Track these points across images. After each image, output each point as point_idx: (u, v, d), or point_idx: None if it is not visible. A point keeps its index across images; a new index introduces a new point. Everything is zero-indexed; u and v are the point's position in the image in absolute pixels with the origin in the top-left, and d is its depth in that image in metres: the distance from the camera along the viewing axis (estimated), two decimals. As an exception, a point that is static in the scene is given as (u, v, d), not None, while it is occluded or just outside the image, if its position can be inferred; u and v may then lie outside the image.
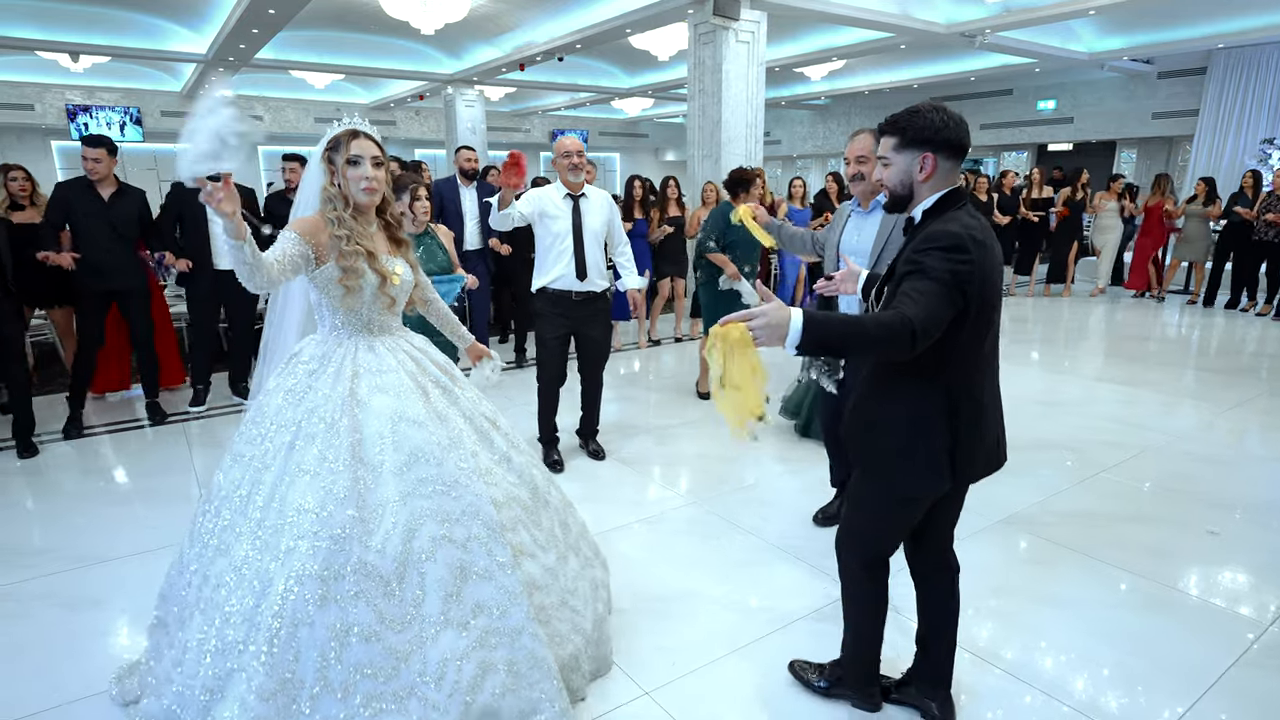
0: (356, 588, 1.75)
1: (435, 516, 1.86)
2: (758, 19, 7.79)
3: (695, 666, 2.32)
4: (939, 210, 1.75)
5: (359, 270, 2.01)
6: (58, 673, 2.31)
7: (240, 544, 1.82)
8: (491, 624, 1.85)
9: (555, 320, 3.85)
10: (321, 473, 1.82)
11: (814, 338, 1.51)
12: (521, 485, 2.15)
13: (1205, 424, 4.60)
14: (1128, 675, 2.27)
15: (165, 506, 3.56)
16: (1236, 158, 11.82)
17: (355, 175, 2.03)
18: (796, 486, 3.75)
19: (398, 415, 1.93)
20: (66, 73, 12.98)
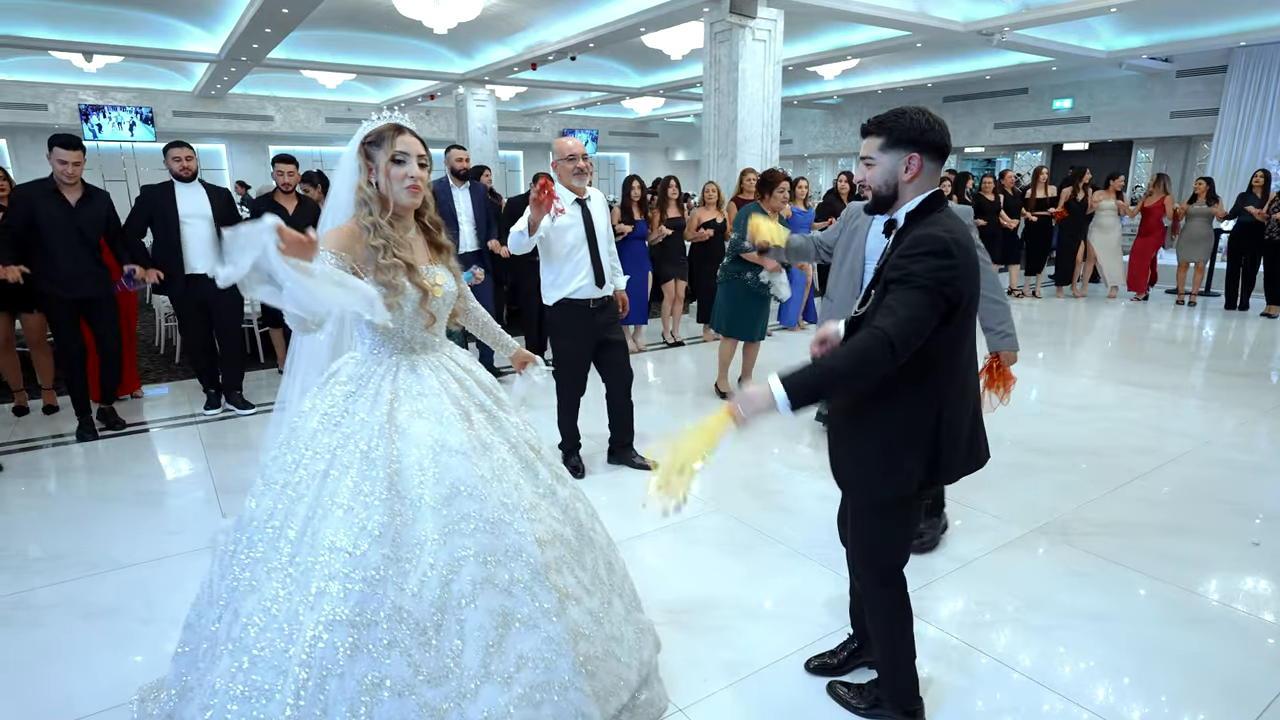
0: (390, 636, 1.60)
1: (476, 557, 1.69)
2: (775, 17, 7.72)
3: (729, 682, 2.25)
4: (923, 212, 1.76)
5: (398, 286, 1.82)
6: (72, 684, 2.26)
7: (271, 581, 1.67)
8: (536, 678, 1.68)
9: (577, 336, 3.71)
10: (355, 507, 1.67)
11: (801, 393, 1.61)
12: (566, 522, 1.97)
13: (1233, 428, 4.49)
14: (1173, 695, 2.19)
15: (182, 510, 3.52)
16: (1257, 158, 11.66)
17: (400, 174, 1.84)
18: (822, 492, 3.67)
19: (439, 444, 1.77)
20: (79, 72, 13.03)
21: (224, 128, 16.18)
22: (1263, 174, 8.27)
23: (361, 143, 1.86)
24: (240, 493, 3.69)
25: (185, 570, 2.92)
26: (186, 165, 4.67)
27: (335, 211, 1.91)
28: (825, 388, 1.65)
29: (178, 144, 4.70)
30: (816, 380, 1.63)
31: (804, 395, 1.61)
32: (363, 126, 1.89)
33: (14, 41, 10.13)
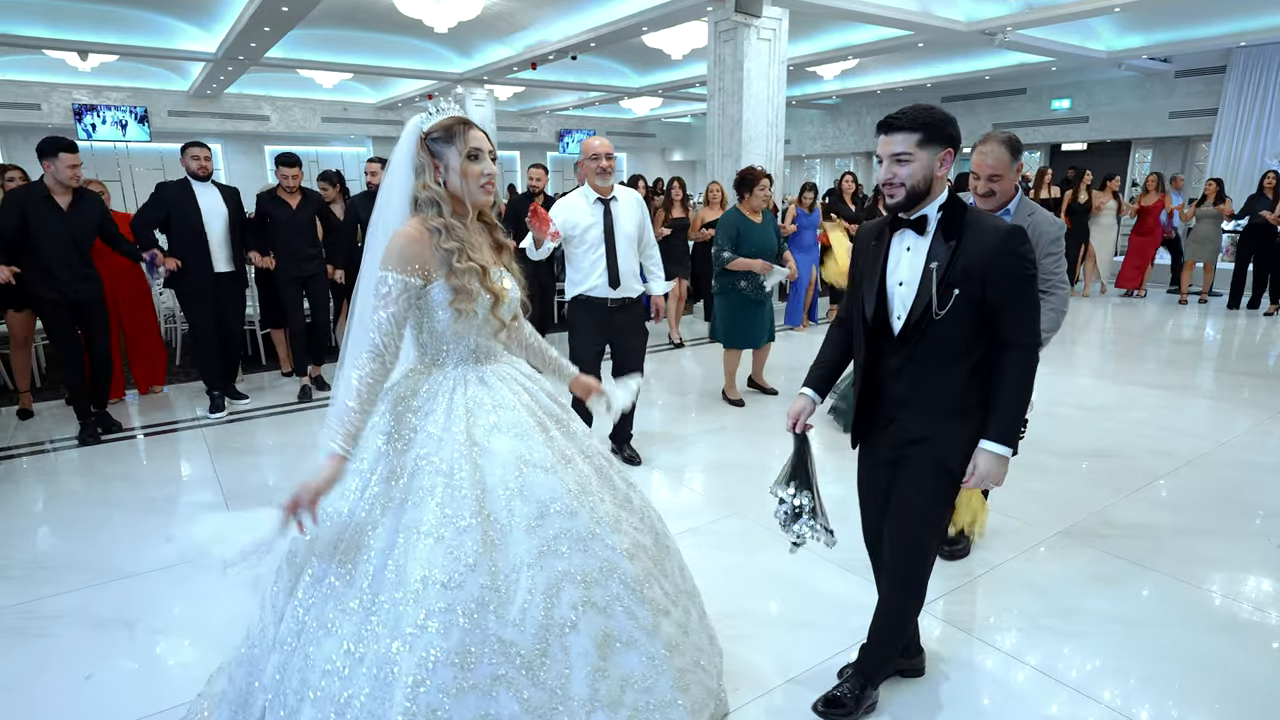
0: (496, 671, 1.48)
1: (574, 578, 1.59)
2: (780, 16, 7.68)
3: (764, 690, 2.20)
4: (955, 207, 1.80)
5: (473, 291, 1.68)
6: (82, 696, 2.20)
7: (350, 621, 1.52)
8: (640, 699, 1.60)
9: (590, 333, 3.71)
10: (446, 534, 1.53)
11: (1014, 437, 1.80)
12: (645, 531, 1.86)
13: (1249, 429, 4.47)
14: (1197, 701, 2.15)
15: (190, 517, 3.45)
16: (1256, 158, 11.67)
17: (476, 171, 1.71)
18: (841, 495, 3.62)
19: (523, 460, 1.64)
20: (74, 72, 12.89)
21: (219, 127, 16.04)
22: (1274, 175, 8.28)
23: (423, 138, 1.71)
24: (249, 498, 3.62)
25: (194, 579, 2.85)
26: (205, 165, 4.75)
27: (388, 214, 1.75)
28: (1021, 418, 1.81)
29: (197, 144, 4.77)
30: (1015, 418, 1.79)
31: (1015, 437, 1.81)
32: (416, 120, 1.74)
33: (7, 40, 10.01)
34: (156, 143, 15.30)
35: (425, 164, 1.70)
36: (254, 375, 5.93)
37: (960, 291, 1.74)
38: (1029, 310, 1.75)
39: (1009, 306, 1.73)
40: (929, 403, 1.85)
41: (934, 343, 1.80)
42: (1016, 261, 1.72)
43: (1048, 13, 8.93)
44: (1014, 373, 1.76)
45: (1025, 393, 1.77)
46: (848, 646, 2.41)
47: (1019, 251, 1.72)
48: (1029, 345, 1.75)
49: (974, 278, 1.72)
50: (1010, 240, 1.72)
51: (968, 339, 1.78)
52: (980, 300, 1.73)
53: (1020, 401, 1.77)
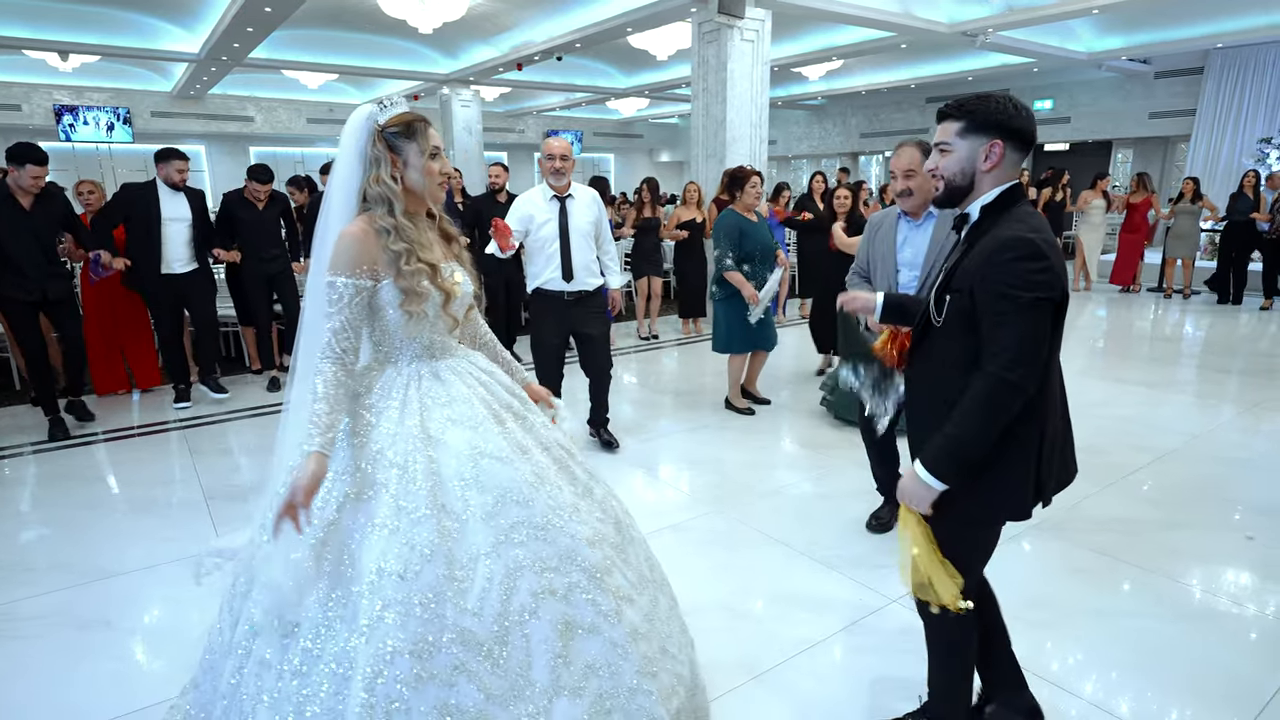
0: (456, 660, 1.48)
1: (533, 566, 1.59)
2: (763, 17, 7.72)
3: (738, 683, 2.23)
4: (1000, 207, 1.61)
5: (423, 293, 1.68)
6: (60, 698, 2.20)
7: (307, 619, 1.52)
8: (604, 686, 1.60)
9: (549, 324, 3.90)
10: (400, 526, 1.54)
11: (946, 469, 1.57)
12: (607, 520, 1.86)
13: (1226, 424, 4.55)
14: (1175, 691, 2.19)
15: (172, 517, 3.44)
16: (1234, 157, 11.85)
17: (435, 169, 1.71)
18: (822, 492, 3.67)
19: (477, 451, 1.65)
20: (54, 72, 12.79)
21: (203, 128, 15.95)
22: (1254, 174, 8.53)
23: (380, 131, 1.68)
24: (229, 498, 3.61)
25: (175, 579, 2.85)
26: (185, 177, 4.92)
27: (335, 211, 1.71)
28: (965, 453, 1.55)
29: (179, 155, 4.89)
30: (952, 450, 1.56)
31: (949, 468, 1.57)
32: (366, 113, 1.69)
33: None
34: (140, 144, 15.20)
35: (382, 157, 1.68)
36: (238, 375, 5.90)
37: (951, 299, 1.62)
38: (1004, 334, 1.51)
39: (986, 324, 1.54)
40: (921, 417, 1.76)
41: (930, 351, 1.71)
42: (998, 274, 1.51)
43: (1028, 14, 9.03)
44: (966, 398, 1.54)
45: (972, 427, 1.52)
46: (820, 640, 2.45)
47: (1005, 264, 1.51)
48: (993, 375, 1.50)
49: (965, 286, 1.58)
50: (1000, 251, 1.52)
51: (962, 354, 1.61)
52: (971, 313, 1.57)
53: (961, 433, 1.53)
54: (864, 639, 2.46)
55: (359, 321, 1.64)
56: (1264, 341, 6.93)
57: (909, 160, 2.77)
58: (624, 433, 4.48)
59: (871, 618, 2.57)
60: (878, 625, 2.54)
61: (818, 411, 4.90)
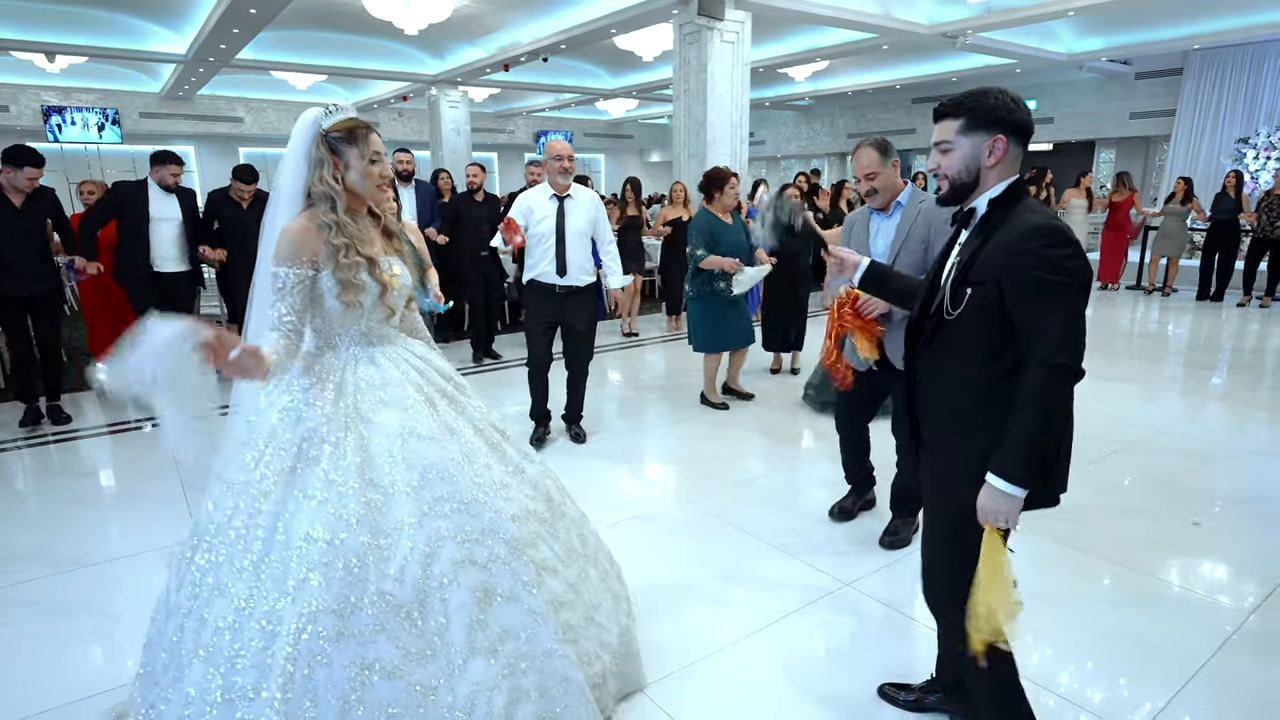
0: (376, 621, 1.61)
1: (454, 537, 1.72)
2: (742, 19, 7.83)
3: (691, 660, 2.32)
4: (1009, 200, 1.61)
5: (359, 284, 1.82)
6: (36, 682, 2.27)
7: (241, 581, 1.65)
8: (520, 648, 1.73)
9: (541, 310, 4.10)
10: (329, 498, 1.67)
11: (1021, 473, 1.49)
12: (537, 497, 2.02)
13: (1188, 417, 4.67)
14: (1113, 667, 2.30)
15: (151, 510, 3.51)
16: (1213, 157, 12.02)
17: (376, 173, 1.85)
18: (789, 483, 3.77)
19: (406, 431, 1.79)
20: (42, 73, 12.79)
21: (192, 129, 15.98)
22: (1235, 175, 8.74)
23: (324, 135, 1.81)
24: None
25: (154, 568, 2.92)
26: (178, 180, 5.02)
27: (282, 206, 1.85)
28: (1040, 451, 1.50)
29: (175, 159, 5.00)
30: (1026, 452, 1.49)
31: (1028, 472, 1.49)
32: (313, 116, 1.82)
33: (-27, 41, 9.94)
34: (129, 145, 15.22)
35: (325, 159, 1.81)
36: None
37: (973, 292, 1.58)
38: (1050, 322, 1.48)
39: (1023, 314, 1.51)
40: (935, 415, 1.73)
41: (943, 345, 1.68)
42: (1033, 261, 1.49)
43: (1006, 16, 9.16)
44: (1024, 395, 1.50)
45: (1036, 421, 1.48)
46: (774, 621, 2.55)
47: (1038, 251, 1.49)
48: (1048, 365, 1.47)
49: (990, 279, 1.55)
50: (1030, 237, 1.50)
51: (980, 349, 1.60)
52: (997, 306, 1.55)
53: (1029, 431, 1.49)
54: (816, 620, 2.56)
55: (301, 307, 1.78)
56: (1244, 338, 7.07)
57: (868, 162, 2.89)
58: (603, 427, 4.58)
59: (824, 599, 2.67)
60: (830, 607, 2.64)
61: (793, 406, 5.01)
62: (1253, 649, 2.38)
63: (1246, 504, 3.45)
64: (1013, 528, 1.54)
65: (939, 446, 1.73)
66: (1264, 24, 10.29)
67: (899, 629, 2.52)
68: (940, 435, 1.71)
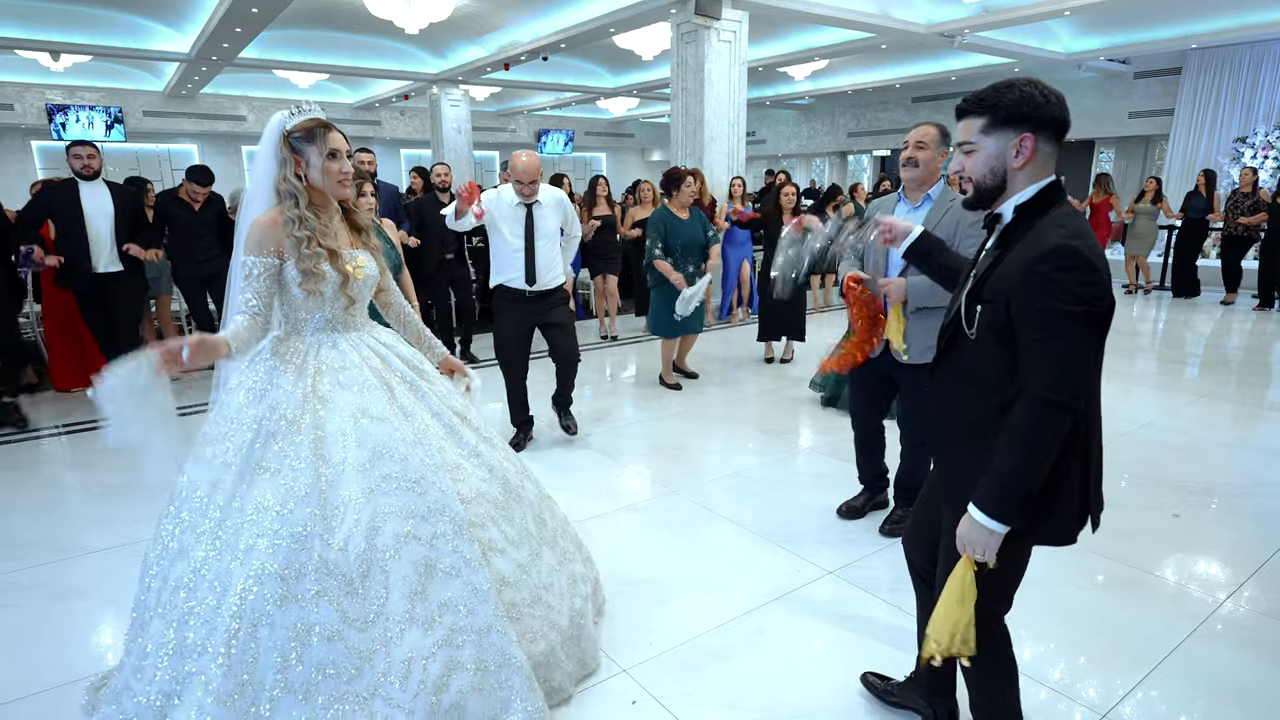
0: (318, 586, 1.73)
1: (400, 514, 1.84)
2: (739, 18, 7.88)
3: (672, 645, 2.39)
4: (1038, 206, 1.48)
5: (320, 274, 1.94)
6: (40, 660, 2.35)
7: (200, 545, 1.78)
8: (459, 621, 1.82)
9: (513, 317, 3.99)
10: (282, 470, 1.81)
11: (1004, 508, 1.43)
12: (492, 480, 2.11)
13: (1172, 412, 4.72)
14: (1085, 651, 2.36)
15: (151, 499, 3.58)
16: (1211, 156, 12.03)
17: (334, 169, 1.97)
18: (777, 476, 3.83)
19: (360, 411, 1.91)
20: (46, 72, 12.90)
21: (195, 128, 16.06)
22: (1204, 174, 8.86)
23: (286, 135, 1.94)
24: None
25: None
26: (88, 164, 4.75)
27: (254, 202, 1.99)
28: (1021, 487, 1.42)
29: (80, 142, 4.81)
30: (1007, 486, 1.42)
31: (1008, 507, 1.43)
32: (279, 119, 1.96)
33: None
34: (133, 143, 15.32)
35: (287, 159, 1.95)
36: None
37: (983, 310, 1.49)
38: (1045, 351, 1.37)
39: (1025, 340, 1.41)
40: (948, 433, 1.64)
41: (958, 364, 1.59)
42: (1041, 287, 1.37)
43: (1004, 15, 9.19)
44: (1011, 428, 1.42)
45: (1020, 457, 1.40)
46: (756, 607, 2.61)
47: (1048, 275, 1.36)
48: (1041, 399, 1.38)
49: (1000, 297, 1.45)
50: (1045, 260, 1.37)
51: (992, 370, 1.50)
52: (1006, 326, 1.45)
53: (1017, 467, 1.40)
54: (797, 607, 2.62)
55: (267, 293, 1.93)
56: (1214, 335, 7.11)
57: (922, 133, 2.80)
58: (589, 421, 4.64)
59: (806, 588, 2.73)
60: (810, 595, 2.70)
61: (781, 401, 5.07)
62: (1224, 634, 2.43)
63: (1228, 496, 3.50)
64: (989, 562, 1.48)
65: (952, 467, 1.64)
66: (1262, 23, 10.31)
67: (885, 616, 2.58)
68: (956, 456, 1.62)
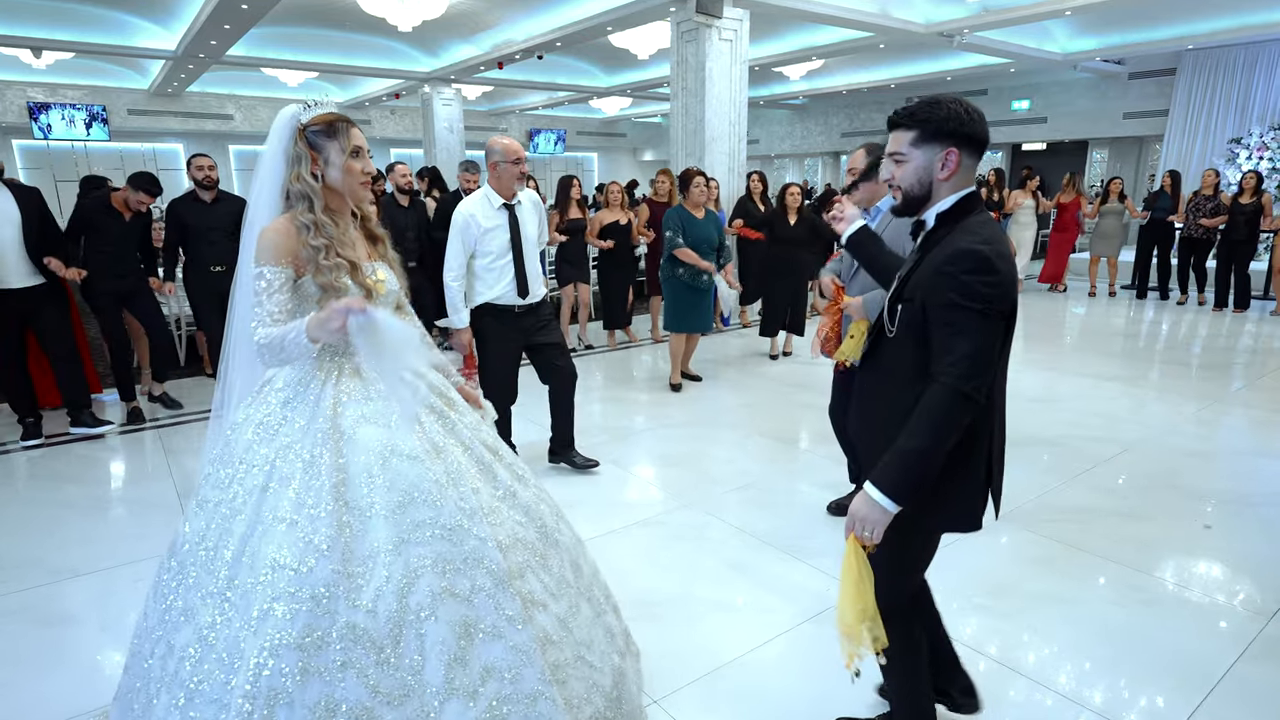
0: (344, 656, 1.49)
1: (434, 567, 1.59)
2: (740, 17, 7.77)
3: (702, 673, 2.27)
4: (956, 214, 1.61)
5: (342, 288, 1.71)
6: (23, 691, 2.21)
7: (207, 607, 1.54)
8: (503, 690, 1.59)
9: (501, 339, 3.60)
10: (300, 520, 1.55)
11: (902, 489, 1.51)
12: (529, 524, 1.85)
13: (1187, 418, 4.65)
14: (1127, 672, 2.26)
15: (144, 516, 3.44)
16: (1205, 157, 12.04)
17: (357, 168, 1.75)
18: (790, 486, 3.73)
19: (389, 449, 1.65)
20: (28, 69, 12.62)
21: (181, 126, 15.80)
22: (1170, 175, 8.91)
23: (302, 129, 1.72)
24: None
25: (146, 577, 2.85)
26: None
27: (261, 209, 1.76)
28: (921, 470, 1.51)
29: None
30: (907, 467, 1.51)
31: (905, 488, 1.51)
32: (290, 113, 1.74)
33: (-42, 37, 9.78)
34: (116, 142, 15.04)
35: (303, 155, 1.72)
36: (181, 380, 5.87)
37: (903, 309, 1.61)
38: (955, 345, 1.49)
39: (937, 335, 1.52)
40: (869, 428, 1.73)
41: (882, 361, 1.70)
42: (949, 284, 1.50)
43: (1002, 15, 9.14)
44: (918, 412, 1.50)
45: (924, 439, 1.49)
46: (787, 629, 2.50)
47: (955, 276, 1.50)
48: (945, 387, 1.48)
49: (916, 296, 1.57)
50: (952, 262, 1.51)
51: (909, 366, 1.60)
52: (921, 324, 1.56)
53: (919, 448, 1.49)
54: (826, 628, 2.51)
55: (290, 306, 1.69)
56: (1209, 338, 7.07)
57: (855, 159, 3.19)
58: (593, 430, 4.51)
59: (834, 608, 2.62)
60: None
61: (792, 408, 4.96)
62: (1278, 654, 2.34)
63: (1257, 505, 3.42)
64: (873, 543, 1.55)
65: (872, 460, 1.66)
66: (1257, 24, 10.32)
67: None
68: (877, 450, 1.64)
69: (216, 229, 4.88)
